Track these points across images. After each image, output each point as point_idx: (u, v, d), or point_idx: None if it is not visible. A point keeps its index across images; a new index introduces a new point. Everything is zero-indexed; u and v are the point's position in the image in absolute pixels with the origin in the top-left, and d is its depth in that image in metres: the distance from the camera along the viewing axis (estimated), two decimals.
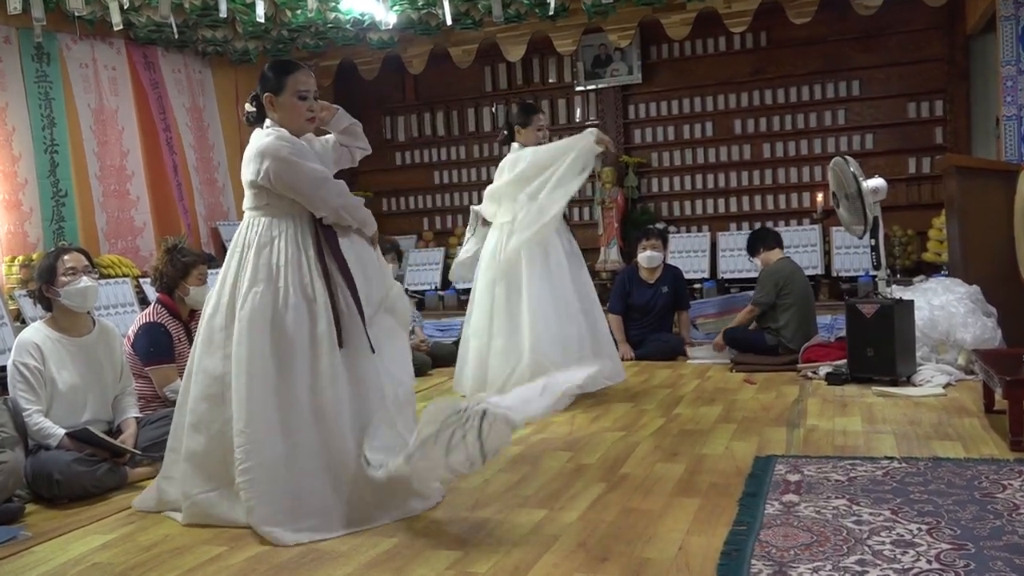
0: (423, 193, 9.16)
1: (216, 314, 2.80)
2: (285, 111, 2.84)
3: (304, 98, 2.84)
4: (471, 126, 8.93)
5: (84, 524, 2.82)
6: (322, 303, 2.73)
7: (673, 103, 8.22)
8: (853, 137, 7.73)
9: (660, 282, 6.03)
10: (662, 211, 8.30)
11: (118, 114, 6.67)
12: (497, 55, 7.97)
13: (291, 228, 2.78)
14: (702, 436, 3.60)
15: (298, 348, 2.69)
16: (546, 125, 4.77)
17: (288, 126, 2.85)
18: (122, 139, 6.69)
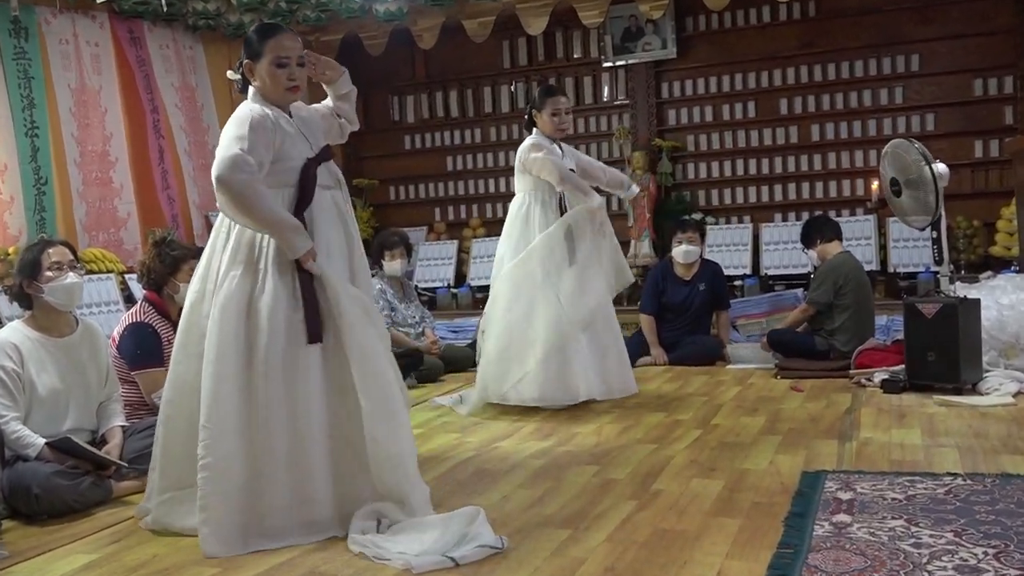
0: (434, 180, 9.18)
1: (202, 301, 2.86)
2: (264, 79, 2.88)
3: (283, 65, 2.87)
4: (487, 106, 8.94)
5: (66, 542, 2.85)
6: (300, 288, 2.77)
7: (711, 80, 8.20)
8: (912, 117, 7.68)
9: (697, 279, 6.01)
10: (699, 200, 8.28)
11: (101, 94, 6.73)
12: (516, 28, 7.97)
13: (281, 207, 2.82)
14: (743, 449, 3.58)
15: (273, 338, 2.72)
16: (567, 108, 4.75)
17: (269, 96, 2.90)
18: (105, 122, 6.75)
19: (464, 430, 4.25)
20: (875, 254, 7.32)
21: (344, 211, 2.98)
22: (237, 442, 2.69)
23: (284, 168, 2.85)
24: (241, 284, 2.77)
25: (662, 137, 8.25)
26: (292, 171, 2.86)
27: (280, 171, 2.84)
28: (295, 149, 2.88)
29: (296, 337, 2.75)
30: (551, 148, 4.64)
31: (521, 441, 3.97)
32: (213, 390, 2.69)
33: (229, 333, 2.72)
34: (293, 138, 2.89)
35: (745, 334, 6.23)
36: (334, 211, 2.93)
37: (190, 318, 2.89)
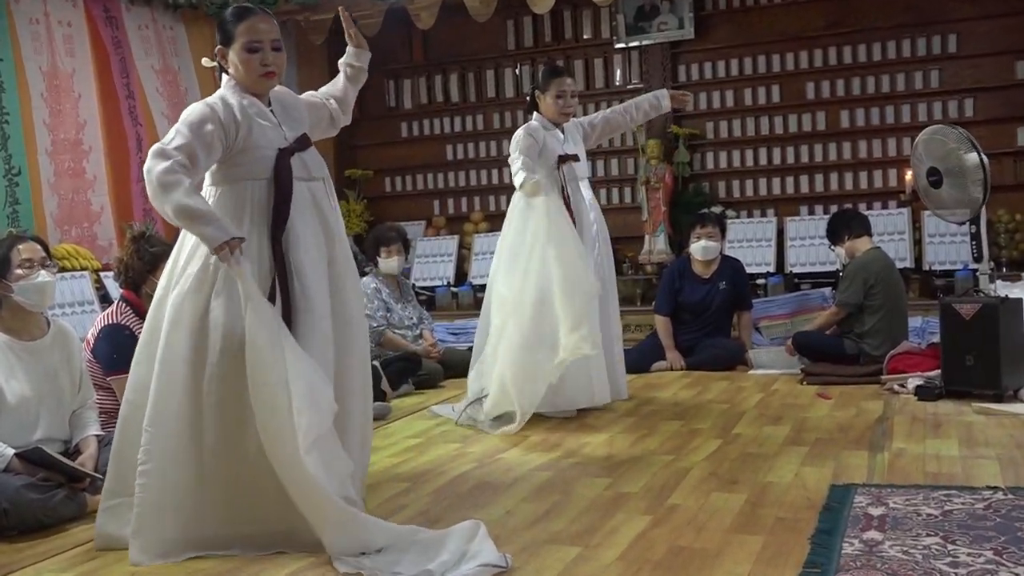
0: (433, 171, 9.19)
1: (167, 299, 2.88)
2: (237, 65, 2.92)
3: (255, 50, 2.90)
4: (490, 91, 8.94)
5: (37, 560, 2.85)
6: (264, 288, 2.79)
7: (732, 63, 8.19)
8: (948, 103, 7.66)
9: (717, 277, 6.01)
10: (719, 192, 8.27)
11: (74, 78, 6.74)
12: (522, 7, 7.97)
13: (247, 204, 2.86)
14: (766, 461, 3.59)
15: (227, 341, 2.75)
16: (573, 91, 4.78)
17: (243, 82, 2.94)
18: (78, 108, 6.76)
19: (464, 440, 4.25)
20: (909, 250, 7.32)
21: (322, 204, 2.99)
22: (180, 445, 2.73)
23: (254, 159, 2.88)
24: (197, 281, 2.81)
25: (679, 124, 8.24)
26: (263, 161, 2.88)
27: (249, 162, 2.87)
28: (266, 138, 2.90)
29: (256, 341, 2.75)
30: (538, 140, 4.66)
31: (526, 452, 3.97)
32: (159, 389, 2.75)
33: (181, 332, 2.76)
34: (264, 128, 2.91)
35: (768, 337, 6.22)
36: (310, 204, 2.95)
37: (155, 316, 2.92)
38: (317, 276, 2.90)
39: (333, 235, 2.99)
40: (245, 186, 2.87)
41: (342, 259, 3.01)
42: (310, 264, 2.87)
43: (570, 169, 4.76)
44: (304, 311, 2.84)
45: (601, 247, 4.82)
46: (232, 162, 2.87)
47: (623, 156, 8.58)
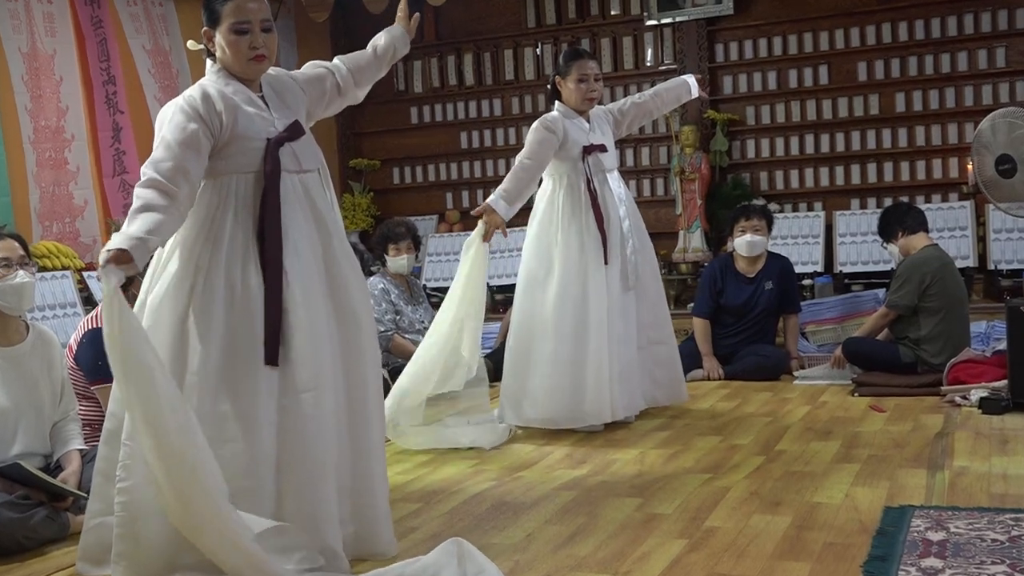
0: (446, 160, 9.20)
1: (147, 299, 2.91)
2: (224, 48, 2.94)
3: (243, 31, 2.91)
4: (508, 73, 8.94)
5: None
6: (252, 291, 2.81)
7: (775, 41, 8.16)
8: (1016, 84, 7.60)
9: (763, 276, 6.00)
10: (760, 183, 8.24)
11: (55, 61, 6.79)
12: None
13: (234, 199, 2.87)
14: (813, 480, 3.58)
15: (208, 349, 2.77)
16: (597, 74, 4.80)
17: (231, 67, 2.95)
18: (60, 93, 6.81)
19: (481, 456, 4.26)
20: (971, 248, 7.26)
21: (316, 198, 3.00)
22: None
23: (240, 150, 2.88)
24: (176, 282, 2.83)
25: (716, 108, 8.22)
26: (250, 153, 2.89)
27: (234, 154, 2.88)
28: (252, 128, 2.91)
29: (238, 350, 2.79)
30: (557, 132, 4.69)
31: (549, 469, 3.98)
32: None
33: (160, 338, 2.78)
34: (251, 116, 2.92)
35: (816, 343, 6.20)
36: (300, 199, 2.95)
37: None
38: (311, 280, 2.90)
39: (329, 232, 2.99)
40: (229, 180, 2.88)
41: (342, 257, 3.01)
42: (302, 266, 2.88)
43: (596, 160, 4.76)
44: (296, 318, 2.84)
45: (636, 243, 4.83)
46: (216, 155, 2.87)
47: (655, 144, 8.56)
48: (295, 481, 2.80)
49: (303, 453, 2.81)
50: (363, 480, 2.97)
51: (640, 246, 4.88)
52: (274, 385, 2.81)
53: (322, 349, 2.87)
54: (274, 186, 2.88)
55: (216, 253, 2.84)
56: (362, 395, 2.99)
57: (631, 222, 4.85)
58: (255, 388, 2.78)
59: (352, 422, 2.96)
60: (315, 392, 2.83)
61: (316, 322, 2.87)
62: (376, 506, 2.99)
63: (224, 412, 2.76)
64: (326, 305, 2.93)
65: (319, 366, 2.85)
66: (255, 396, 2.78)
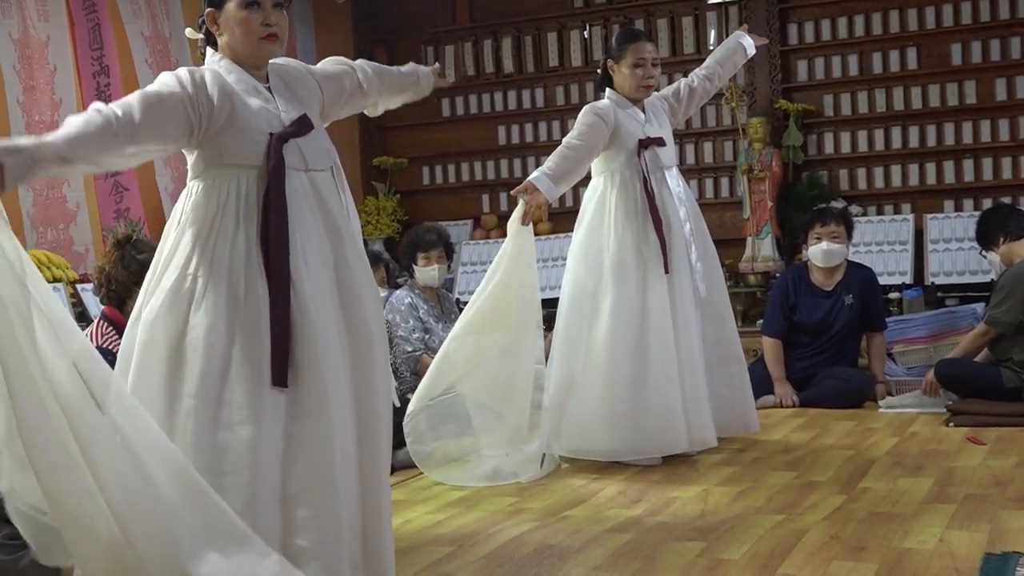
0: (482, 158, 9.23)
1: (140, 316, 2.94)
2: (231, 28, 2.97)
3: (256, 4, 2.94)
4: (552, 59, 8.97)
5: None
6: (255, 302, 2.83)
7: (856, 20, 8.12)
8: None
9: (842, 289, 5.99)
10: (839, 183, 8.21)
11: (48, 48, 6.88)
12: None
13: (234, 198, 2.90)
14: (902, 523, 3.56)
15: (207, 367, 2.79)
16: (654, 58, 4.81)
17: (239, 50, 2.99)
18: (54, 84, 6.91)
19: (522, 493, 4.26)
20: None
21: (327, 197, 3.02)
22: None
23: (240, 143, 2.91)
24: (172, 296, 2.85)
25: (789, 98, 8.20)
26: (251, 147, 2.92)
27: (233, 147, 2.91)
28: (254, 119, 2.94)
29: (242, 371, 2.81)
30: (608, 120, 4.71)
31: (600, 508, 3.98)
32: None
33: (154, 359, 2.81)
34: (252, 107, 2.95)
35: (905, 365, 6.16)
36: (308, 198, 2.97)
37: (129, 339, 2.96)
38: (321, 290, 2.92)
39: (340, 236, 3.01)
40: (229, 180, 2.90)
41: (353, 262, 3.02)
42: (311, 274, 2.90)
43: (653, 155, 4.77)
44: (305, 333, 2.85)
45: (698, 248, 4.82)
46: (212, 146, 2.90)
47: (719, 138, 8.55)
48: (301, 516, 2.80)
49: (311, 485, 2.81)
50: (373, 517, 2.96)
51: (703, 253, 4.87)
52: (280, 409, 2.83)
53: (334, 369, 2.88)
54: (279, 185, 2.90)
55: (217, 262, 2.86)
56: (372, 423, 3.00)
57: (693, 225, 4.85)
58: (259, 413, 2.79)
59: (361, 452, 2.96)
60: (325, 417, 2.83)
61: (327, 338, 2.88)
62: (384, 546, 2.99)
63: (225, 441, 2.78)
64: (337, 319, 2.95)
65: (330, 388, 2.86)
66: (259, 422, 2.79)
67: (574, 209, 4.93)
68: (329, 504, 2.82)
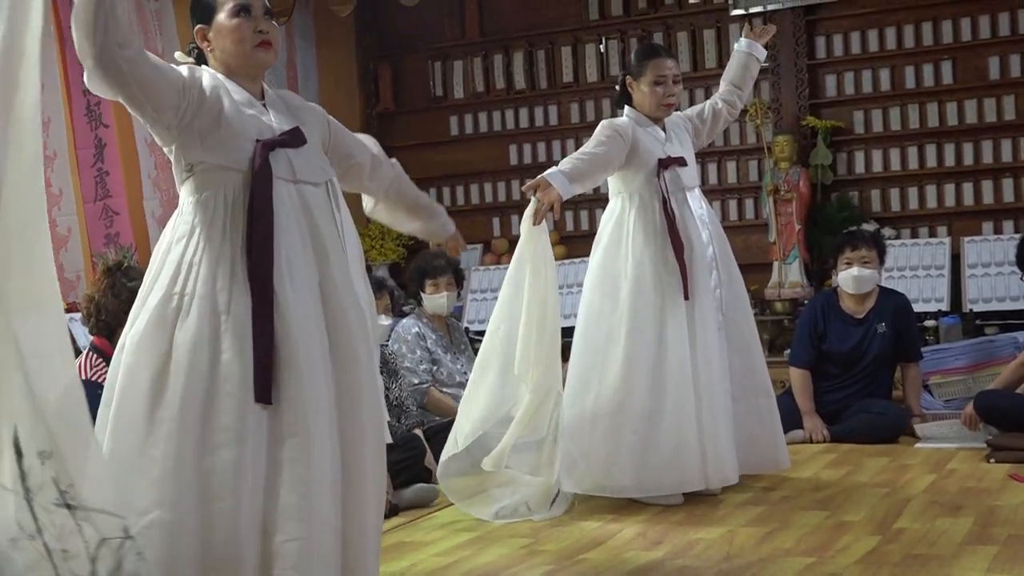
0: (492, 179, 9.24)
1: None
2: (223, 40, 3.02)
3: (247, 11, 3.00)
4: (566, 75, 8.99)
5: None
6: (239, 318, 2.85)
7: (888, 32, 8.13)
8: None
9: (874, 316, 5.98)
10: (871, 204, 8.19)
11: None
12: None
13: (220, 209, 2.93)
14: (941, 565, 3.54)
15: (190, 385, 2.81)
16: (676, 75, 4.84)
17: (232, 62, 3.03)
18: (41, 103, 6.94)
19: (536, 534, 4.26)
20: None
21: (315, 212, 3.04)
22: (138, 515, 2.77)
23: (226, 141, 2.94)
24: (158, 316, 2.87)
25: (817, 114, 8.20)
26: (239, 151, 2.95)
27: (219, 145, 2.94)
28: (244, 124, 2.97)
29: (225, 390, 2.82)
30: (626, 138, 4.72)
31: (618, 551, 3.97)
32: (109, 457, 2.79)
33: (139, 382, 2.83)
34: (244, 115, 2.99)
35: (942, 398, 6.15)
36: (295, 211, 2.99)
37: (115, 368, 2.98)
38: (304, 305, 2.93)
39: (326, 252, 3.02)
40: (217, 184, 2.94)
41: (340, 282, 3.03)
42: (295, 289, 2.92)
43: (674, 176, 4.77)
44: (286, 349, 2.86)
45: (722, 273, 4.83)
46: (195, 144, 2.93)
47: (743, 157, 8.55)
48: (280, 544, 2.80)
49: (291, 513, 2.81)
50: (356, 553, 2.96)
51: (727, 278, 4.87)
52: (264, 430, 2.84)
53: (315, 390, 2.88)
54: (263, 192, 2.92)
55: (202, 278, 2.89)
56: (357, 454, 2.99)
57: (717, 249, 4.85)
58: (243, 434, 2.81)
59: (345, 482, 2.95)
60: (305, 439, 2.83)
61: (310, 357, 2.89)
62: None
63: (209, 465, 2.79)
64: (322, 340, 2.96)
65: (311, 409, 2.86)
66: (243, 444, 2.80)
67: (590, 233, 4.93)
68: (308, 533, 2.81)
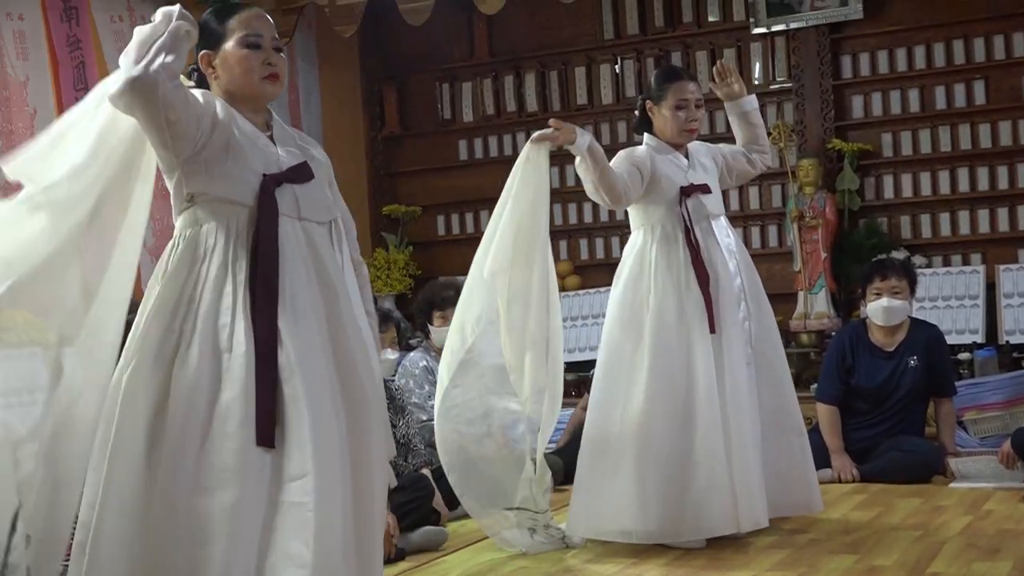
0: None
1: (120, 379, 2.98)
2: (230, 69, 3.06)
3: (255, 45, 3.04)
4: (580, 96, 9.01)
5: None
6: (240, 357, 2.86)
7: (916, 51, 8.14)
8: None
9: (905, 350, 5.97)
10: (900, 230, 8.18)
11: (28, 89, 6.96)
12: None
13: (222, 243, 2.96)
14: None
15: (188, 426, 2.83)
16: (699, 99, 4.86)
17: (237, 92, 3.07)
18: (34, 128, 6.95)
19: None
20: None
21: (321, 250, 3.07)
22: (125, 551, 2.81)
23: (231, 173, 2.97)
24: (156, 352, 2.90)
25: (843, 137, 8.21)
26: (244, 185, 2.98)
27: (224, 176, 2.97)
28: (250, 156, 3.00)
29: (221, 430, 2.83)
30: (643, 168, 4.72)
31: None
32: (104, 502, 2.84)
33: (137, 422, 2.85)
34: (251, 147, 3.02)
35: (977, 435, 6.13)
36: (300, 248, 3.01)
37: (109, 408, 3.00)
38: (310, 344, 2.94)
39: (335, 289, 3.05)
40: (219, 218, 2.96)
41: (347, 319, 3.05)
42: (300, 327, 2.93)
43: (698, 204, 4.77)
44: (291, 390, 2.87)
45: (750, 305, 4.82)
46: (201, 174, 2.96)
47: (765, 182, 8.53)
48: None
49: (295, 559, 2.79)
50: None
51: (757, 310, 4.86)
52: (265, 472, 2.84)
53: (323, 431, 2.88)
54: (269, 231, 2.95)
55: (202, 314, 2.91)
56: (366, 495, 3.00)
57: (745, 279, 4.84)
58: (242, 476, 2.81)
59: (354, 527, 2.95)
60: (312, 483, 2.81)
61: (316, 397, 2.89)
62: None
63: (204, 507, 2.80)
64: (330, 378, 2.97)
65: (317, 452, 2.85)
66: (242, 486, 2.80)
67: (606, 263, 4.94)
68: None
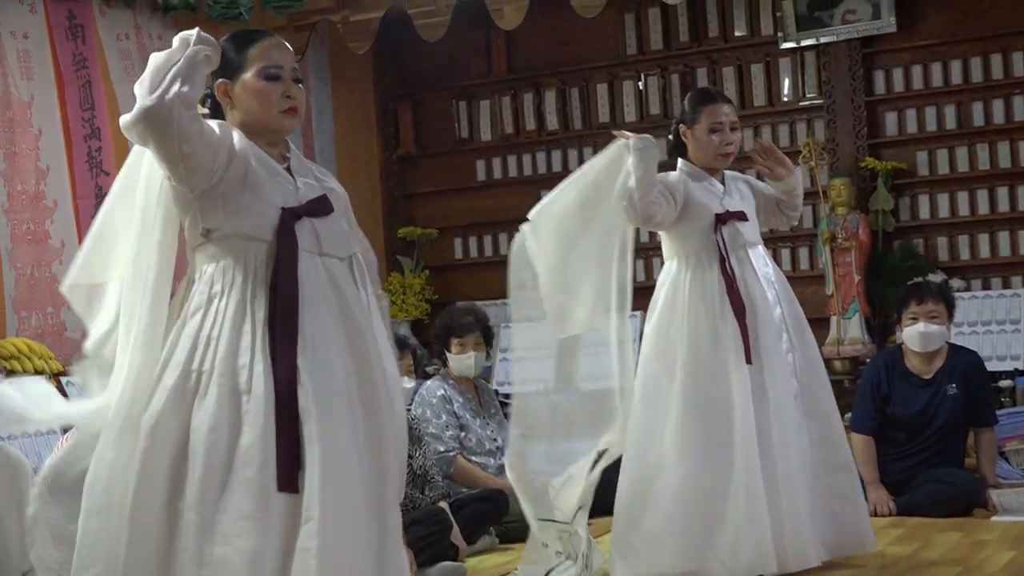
0: None
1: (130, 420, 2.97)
2: (248, 100, 3.06)
3: (275, 77, 3.05)
4: (602, 114, 9.01)
5: None
6: (260, 399, 2.85)
7: (952, 65, 8.13)
8: None
9: (943, 377, 5.94)
10: (937, 252, 8.16)
11: (32, 109, 6.98)
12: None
13: (240, 280, 2.95)
14: None
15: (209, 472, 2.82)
16: (734, 122, 4.84)
17: (257, 123, 3.07)
18: (39, 150, 6.98)
19: None
20: None
21: (343, 286, 3.06)
22: None
23: (249, 208, 2.97)
24: (176, 395, 2.89)
25: (876, 155, 8.19)
26: (263, 218, 2.98)
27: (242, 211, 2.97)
28: (268, 189, 3.01)
29: (242, 474, 2.83)
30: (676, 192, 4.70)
31: None
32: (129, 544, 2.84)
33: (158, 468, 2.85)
34: (269, 180, 3.02)
35: (1020, 466, 6.10)
36: (322, 285, 3.01)
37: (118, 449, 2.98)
38: (331, 383, 2.93)
39: (359, 327, 3.04)
40: (237, 255, 2.97)
41: (374, 359, 3.05)
42: (321, 367, 2.92)
43: (733, 232, 4.74)
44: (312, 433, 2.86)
45: (793, 336, 4.79)
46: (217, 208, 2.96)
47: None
48: None
49: None
50: None
51: (800, 342, 4.83)
52: (287, 519, 2.83)
53: (344, 476, 2.87)
54: (288, 267, 2.94)
55: (221, 354, 2.90)
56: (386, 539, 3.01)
57: (785, 309, 4.82)
58: (262, 523, 2.80)
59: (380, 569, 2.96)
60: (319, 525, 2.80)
61: (331, 438, 2.88)
62: None
63: (222, 555, 2.79)
64: (354, 421, 2.96)
65: (338, 497, 2.84)
66: (262, 534, 2.80)
67: (639, 286, 4.88)
68: None
